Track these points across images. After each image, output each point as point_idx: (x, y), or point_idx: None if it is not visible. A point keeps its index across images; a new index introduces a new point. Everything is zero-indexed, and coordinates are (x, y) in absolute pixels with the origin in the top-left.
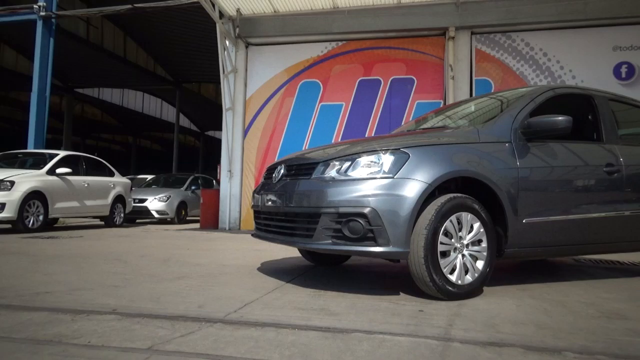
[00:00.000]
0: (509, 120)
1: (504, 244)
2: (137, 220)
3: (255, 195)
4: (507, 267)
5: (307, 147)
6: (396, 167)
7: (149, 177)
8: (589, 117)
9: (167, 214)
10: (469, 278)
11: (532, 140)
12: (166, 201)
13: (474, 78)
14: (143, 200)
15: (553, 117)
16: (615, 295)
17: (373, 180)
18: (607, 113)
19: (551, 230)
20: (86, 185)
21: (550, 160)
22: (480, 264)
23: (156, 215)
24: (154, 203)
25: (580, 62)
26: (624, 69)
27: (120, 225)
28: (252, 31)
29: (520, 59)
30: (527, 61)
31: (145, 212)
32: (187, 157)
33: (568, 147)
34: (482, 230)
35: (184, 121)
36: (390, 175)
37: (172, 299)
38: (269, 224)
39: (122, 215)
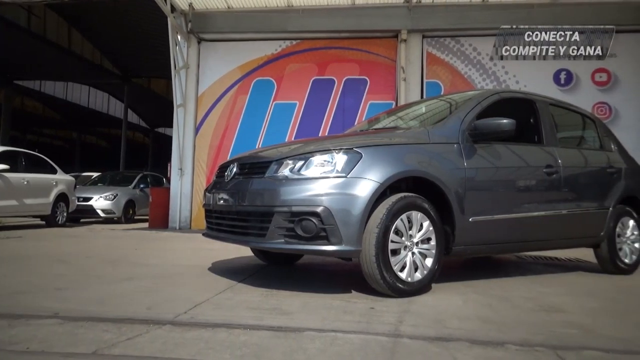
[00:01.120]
0: (457, 122)
1: (452, 242)
2: (82, 220)
3: (207, 193)
4: (454, 264)
5: (260, 146)
6: (349, 166)
7: (95, 174)
8: (531, 120)
9: (114, 213)
10: (418, 275)
11: (478, 142)
12: (113, 200)
13: (424, 80)
14: (88, 199)
15: (498, 120)
16: (553, 290)
17: (326, 180)
18: (547, 117)
19: (495, 229)
20: (25, 182)
21: (495, 161)
22: (429, 262)
23: (102, 215)
24: (100, 202)
25: (524, 68)
26: (563, 76)
27: (63, 225)
28: (204, 27)
29: (469, 63)
30: (475, 65)
31: (91, 211)
32: (136, 155)
33: (511, 148)
34: (431, 228)
35: (133, 117)
36: (343, 175)
37: (119, 301)
38: (221, 223)
39: (65, 214)
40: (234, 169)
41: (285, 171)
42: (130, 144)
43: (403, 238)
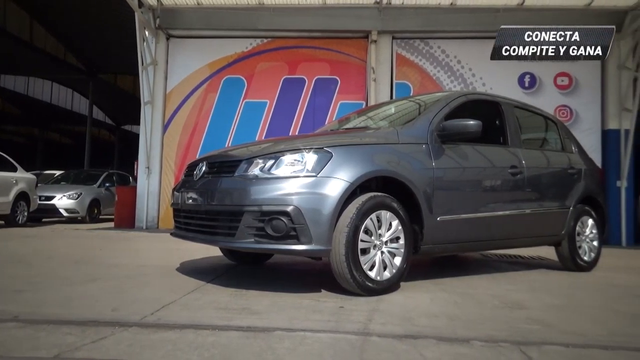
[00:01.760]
0: (426, 123)
1: (420, 241)
2: (44, 220)
3: (175, 193)
4: (422, 263)
5: (230, 145)
6: (319, 165)
7: (58, 172)
8: (497, 122)
9: (78, 212)
10: (387, 274)
11: (446, 142)
12: (76, 199)
13: (394, 81)
14: (50, 198)
15: (465, 121)
16: (517, 287)
17: (296, 179)
18: (512, 119)
19: (462, 228)
20: None
21: (462, 161)
22: (398, 261)
23: (65, 214)
24: (63, 200)
25: (490, 71)
26: (527, 79)
27: (23, 225)
28: (173, 23)
29: (437, 65)
30: (443, 67)
31: (53, 210)
32: (101, 153)
33: (478, 149)
34: (400, 227)
35: (98, 114)
36: (314, 174)
37: (83, 303)
38: (190, 222)
39: (25, 214)
40: (203, 168)
41: (255, 170)
42: (95, 141)
43: (372, 237)
